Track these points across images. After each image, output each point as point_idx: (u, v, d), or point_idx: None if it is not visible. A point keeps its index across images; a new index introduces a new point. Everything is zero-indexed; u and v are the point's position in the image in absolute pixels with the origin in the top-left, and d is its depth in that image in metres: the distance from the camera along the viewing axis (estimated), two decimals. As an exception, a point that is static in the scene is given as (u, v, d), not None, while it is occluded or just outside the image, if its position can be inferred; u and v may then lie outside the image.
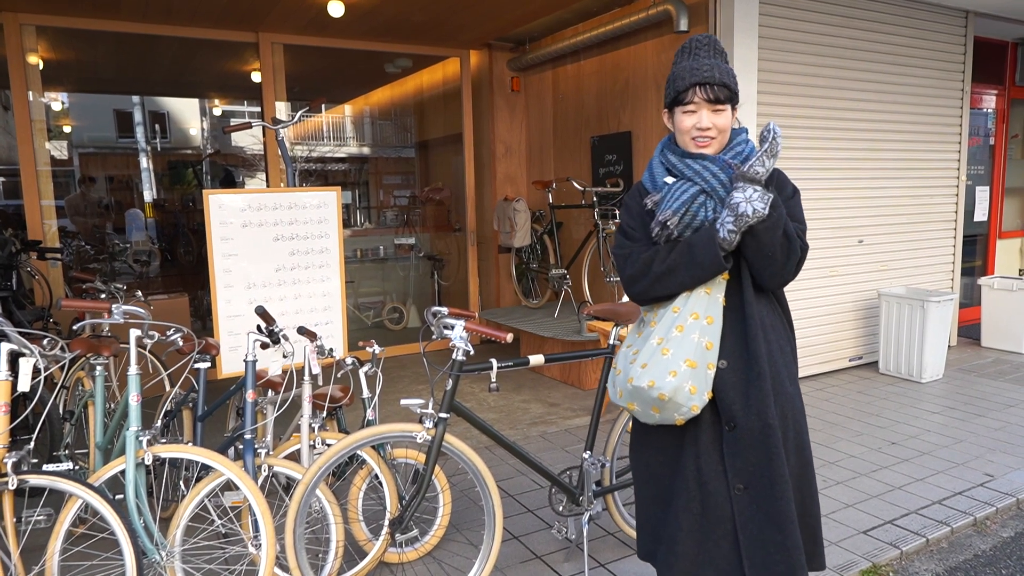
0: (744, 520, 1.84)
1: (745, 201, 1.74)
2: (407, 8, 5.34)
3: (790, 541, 1.81)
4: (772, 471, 1.81)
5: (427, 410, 2.51)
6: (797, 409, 1.92)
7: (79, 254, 7.44)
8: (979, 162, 6.99)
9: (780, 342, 1.92)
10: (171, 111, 11.08)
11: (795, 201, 1.94)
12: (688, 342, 1.83)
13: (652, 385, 1.81)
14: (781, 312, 1.97)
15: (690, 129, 1.87)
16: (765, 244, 1.79)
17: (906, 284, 5.97)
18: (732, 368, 1.85)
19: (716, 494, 1.86)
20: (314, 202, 3.61)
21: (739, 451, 1.83)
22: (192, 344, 2.96)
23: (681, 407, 1.81)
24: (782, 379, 1.88)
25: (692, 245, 1.83)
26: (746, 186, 1.76)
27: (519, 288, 6.74)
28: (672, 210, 1.84)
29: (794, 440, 1.90)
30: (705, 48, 1.89)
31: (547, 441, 4.33)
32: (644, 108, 5.52)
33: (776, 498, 1.81)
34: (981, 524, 3.27)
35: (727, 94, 1.85)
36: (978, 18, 6.09)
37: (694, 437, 1.88)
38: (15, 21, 5.10)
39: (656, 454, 1.98)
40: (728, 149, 1.90)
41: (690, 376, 1.81)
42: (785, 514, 1.81)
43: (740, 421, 1.83)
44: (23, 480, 2.26)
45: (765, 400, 1.81)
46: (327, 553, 2.65)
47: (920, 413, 4.69)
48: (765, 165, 1.75)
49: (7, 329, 2.27)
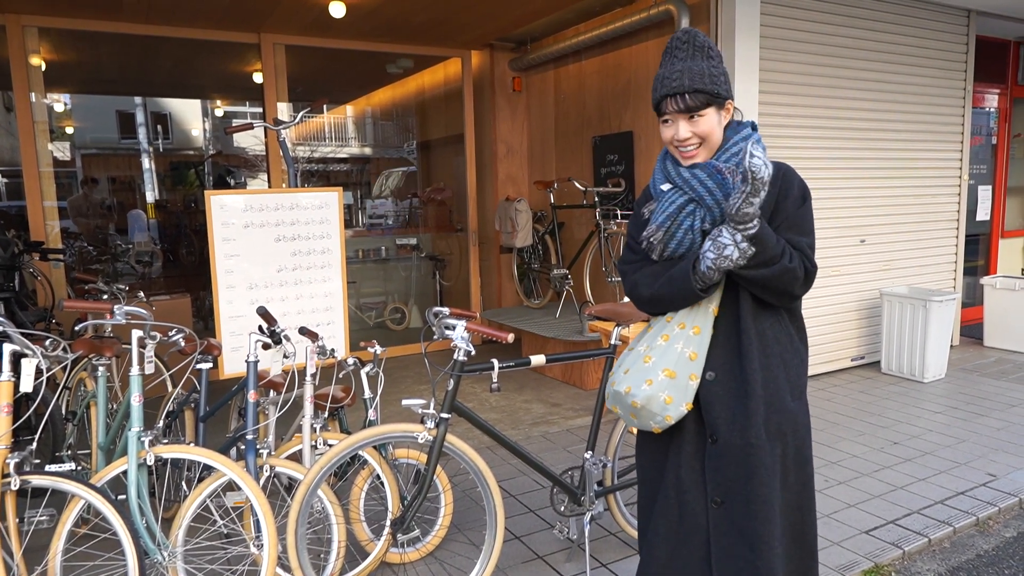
0: (717, 534, 1.81)
1: (732, 244, 1.65)
2: (408, 9, 5.34)
3: (761, 561, 1.76)
4: (749, 490, 1.77)
5: (428, 410, 2.51)
6: (800, 424, 1.84)
7: (81, 255, 7.45)
8: (981, 161, 6.98)
9: (785, 355, 1.83)
10: (173, 112, 11.09)
11: (803, 211, 1.80)
12: (671, 352, 1.79)
13: (628, 392, 1.80)
14: (790, 322, 1.87)
15: (670, 140, 1.80)
16: (757, 277, 1.71)
17: (908, 284, 5.96)
18: (720, 381, 1.79)
19: (693, 504, 1.83)
20: (316, 203, 3.61)
21: (719, 466, 1.79)
22: (194, 345, 2.97)
23: (655, 416, 1.79)
24: (782, 395, 1.80)
25: (672, 279, 1.78)
26: (735, 228, 1.65)
27: (521, 288, 6.74)
28: (656, 224, 1.78)
29: (794, 457, 1.84)
30: (682, 48, 1.76)
31: (548, 441, 4.33)
32: (646, 108, 5.51)
33: (751, 517, 1.77)
34: (983, 524, 3.27)
35: (702, 99, 1.72)
36: (980, 17, 6.08)
37: (678, 446, 1.85)
38: (17, 23, 5.11)
39: (648, 458, 1.97)
40: (723, 151, 1.79)
41: (667, 386, 1.77)
42: (758, 534, 1.76)
43: (722, 436, 1.78)
44: (26, 480, 2.26)
45: (751, 418, 1.75)
46: (329, 553, 2.65)
47: (922, 413, 4.68)
48: (753, 205, 1.60)
49: (9, 330, 2.27)
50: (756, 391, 1.76)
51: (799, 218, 1.79)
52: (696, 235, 1.77)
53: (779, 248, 1.70)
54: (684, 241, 1.78)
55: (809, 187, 1.85)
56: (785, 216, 1.78)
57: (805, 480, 1.87)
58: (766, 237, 1.67)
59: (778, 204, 1.79)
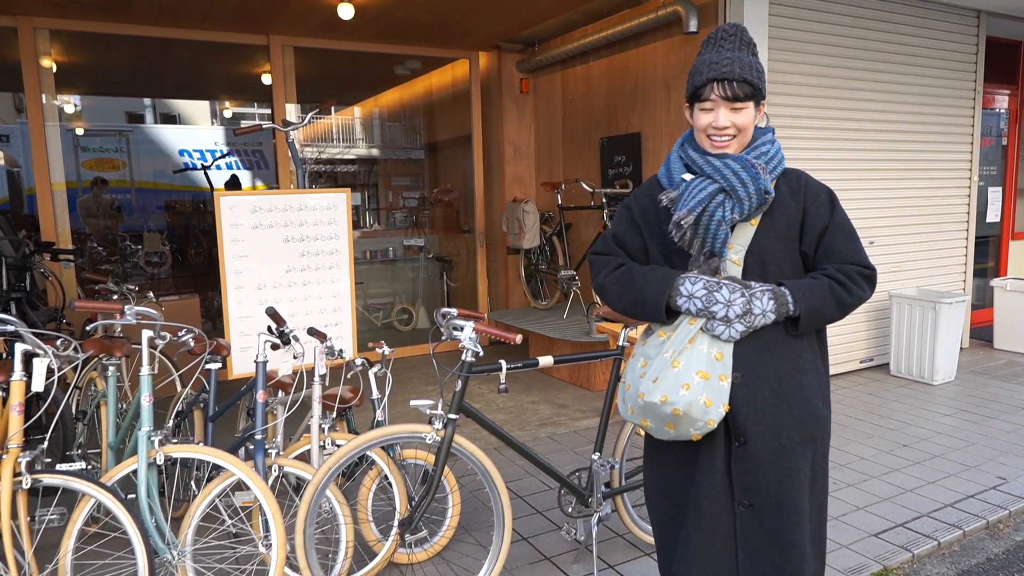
0: (744, 538, 1.78)
1: (761, 315, 1.70)
2: (416, 10, 5.35)
3: (790, 566, 1.73)
4: (782, 492, 1.73)
5: (436, 411, 2.51)
6: (827, 432, 1.81)
7: (91, 255, 7.50)
8: (991, 163, 6.94)
9: (816, 362, 1.81)
10: (182, 113, 11.15)
11: (839, 212, 1.78)
12: (698, 353, 1.73)
13: (665, 400, 1.71)
14: (815, 333, 1.84)
15: (706, 127, 1.75)
16: (806, 326, 1.73)
17: (918, 285, 5.94)
18: (746, 383, 1.75)
19: (721, 510, 1.79)
20: (324, 204, 3.63)
21: (748, 469, 1.75)
22: (203, 345, 2.98)
23: (697, 421, 1.71)
24: (814, 400, 1.77)
25: (642, 302, 1.80)
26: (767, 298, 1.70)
27: (528, 289, 6.74)
28: (688, 208, 1.72)
29: (820, 464, 1.81)
30: (730, 39, 1.74)
31: (556, 442, 4.33)
32: (653, 109, 5.51)
33: (783, 519, 1.73)
34: (993, 527, 3.25)
35: (748, 91, 1.70)
36: (990, 18, 6.05)
37: (709, 452, 1.79)
38: (29, 25, 5.15)
39: (671, 470, 1.90)
40: (751, 148, 1.76)
41: (704, 388, 1.70)
42: (789, 538, 1.73)
43: (753, 438, 1.74)
44: (37, 479, 2.28)
45: (784, 419, 1.73)
46: (337, 553, 2.66)
47: (931, 415, 4.66)
48: (765, 308, 1.70)
49: (22, 330, 2.29)
50: (790, 393, 1.74)
51: (841, 222, 1.77)
52: (728, 227, 1.73)
53: (824, 299, 1.72)
54: (719, 234, 1.73)
55: (817, 189, 1.83)
56: (824, 225, 1.77)
57: (826, 487, 1.85)
58: (809, 312, 1.71)
59: (808, 213, 1.76)
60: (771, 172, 1.76)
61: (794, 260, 1.79)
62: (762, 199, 1.73)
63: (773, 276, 1.76)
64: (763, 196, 1.72)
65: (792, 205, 1.77)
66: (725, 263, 1.76)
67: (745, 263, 1.77)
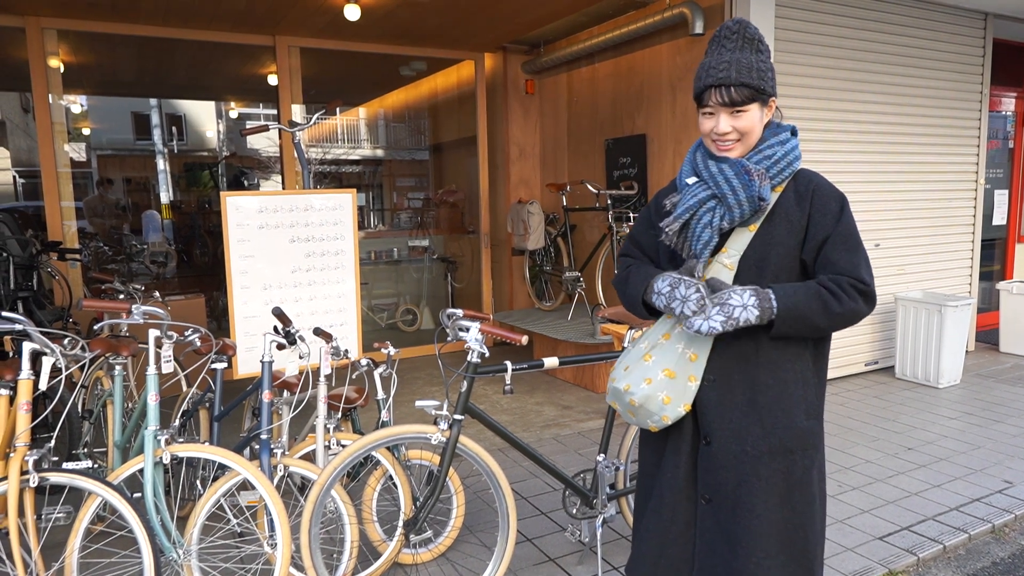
0: (703, 529, 1.81)
1: (741, 307, 1.63)
2: (422, 11, 5.36)
3: (738, 563, 1.74)
4: (739, 495, 1.74)
5: (442, 412, 2.52)
6: (811, 444, 1.76)
7: (97, 255, 7.53)
8: (998, 165, 6.92)
9: (806, 373, 1.76)
10: (188, 113, 11.19)
11: (845, 222, 1.70)
12: (671, 351, 1.77)
13: (627, 389, 1.79)
14: (813, 343, 1.79)
15: (708, 133, 1.75)
16: (784, 326, 1.67)
17: (923, 288, 5.92)
18: (718, 385, 1.75)
19: (685, 501, 1.82)
20: (329, 204, 3.63)
21: (710, 467, 1.77)
22: (209, 345, 2.99)
23: (652, 415, 1.77)
24: (794, 412, 1.74)
25: (630, 300, 1.87)
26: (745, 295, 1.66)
27: (533, 290, 6.74)
28: (675, 215, 1.77)
29: (801, 476, 1.76)
30: (732, 39, 1.71)
31: (561, 444, 4.33)
32: (659, 111, 5.51)
33: (736, 520, 1.75)
34: (999, 531, 3.23)
35: (747, 94, 1.67)
36: (997, 20, 6.04)
37: (676, 445, 1.83)
38: (37, 25, 5.17)
39: (649, 454, 1.96)
40: (756, 151, 1.74)
41: (666, 386, 1.76)
42: (739, 538, 1.74)
43: (716, 440, 1.75)
44: (43, 478, 2.29)
45: (751, 428, 1.72)
46: (342, 553, 2.67)
47: (937, 419, 4.64)
48: (731, 315, 1.64)
49: (30, 329, 2.30)
50: (764, 403, 1.72)
51: (844, 232, 1.70)
52: (715, 232, 1.73)
53: (809, 303, 1.65)
54: (702, 236, 1.74)
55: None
56: (827, 234, 1.70)
57: (810, 500, 1.77)
58: (787, 311, 1.65)
59: (812, 221, 1.72)
60: (775, 177, 1.73)
61: (794, 267, 1.75)
62: (755, 206, 1.70)
63: (770, 282, 1.72)
64: (756, 203, 1.69)
65: (796, 211, 1.73)
66: (701, 265, 1.75)
67: (740, 268, 1.74)
